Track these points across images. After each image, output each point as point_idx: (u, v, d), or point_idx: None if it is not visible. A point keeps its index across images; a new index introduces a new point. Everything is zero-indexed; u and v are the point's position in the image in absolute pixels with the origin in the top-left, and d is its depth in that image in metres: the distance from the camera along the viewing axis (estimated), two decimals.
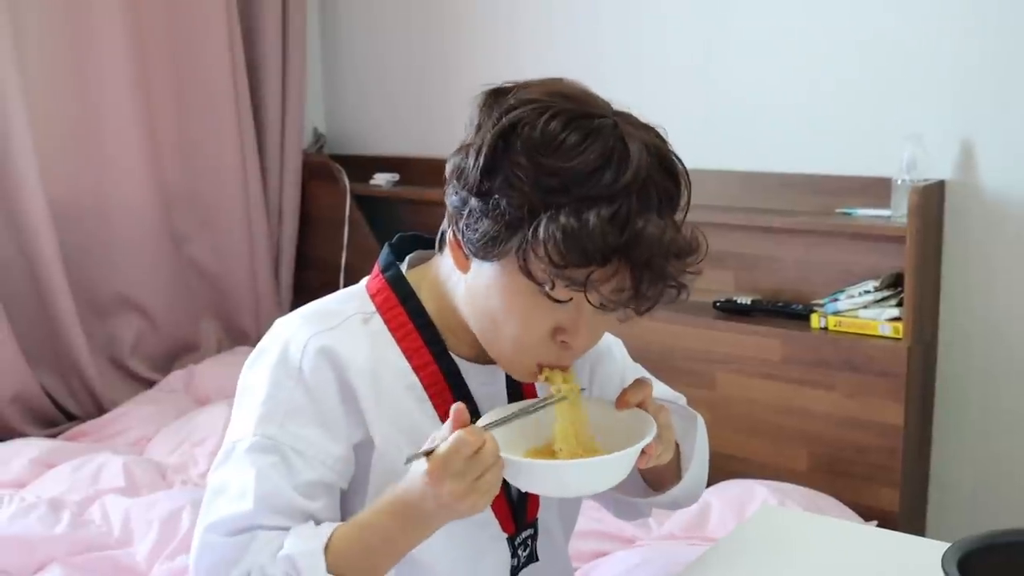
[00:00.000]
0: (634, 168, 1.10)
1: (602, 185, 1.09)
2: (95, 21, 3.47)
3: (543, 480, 1.17)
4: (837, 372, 2.76)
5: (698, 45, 3.19)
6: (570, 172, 1.09)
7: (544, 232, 1.08)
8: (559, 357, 1.21)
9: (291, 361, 1.23)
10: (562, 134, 1.11)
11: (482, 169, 1.13)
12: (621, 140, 1.12)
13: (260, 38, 3.94)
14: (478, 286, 1.20)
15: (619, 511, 1.58)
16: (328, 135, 4.31)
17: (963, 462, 2.86)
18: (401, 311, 1.28)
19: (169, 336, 3.82)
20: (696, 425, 1.44)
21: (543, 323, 1.17)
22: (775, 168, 3.05)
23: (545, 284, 1.12)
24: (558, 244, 1.08)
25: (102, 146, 3.57)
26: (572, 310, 1.15)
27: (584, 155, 1.10)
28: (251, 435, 1.22)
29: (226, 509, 1.21)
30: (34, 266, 3.36)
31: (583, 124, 1.12)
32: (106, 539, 2.50)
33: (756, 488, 2.63)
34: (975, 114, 2.73)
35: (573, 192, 1.09)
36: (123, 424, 3.29)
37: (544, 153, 1.10)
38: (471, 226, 1.15)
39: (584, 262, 1.08)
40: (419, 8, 3.90)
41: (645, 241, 1.09)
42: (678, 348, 3.01)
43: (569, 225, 1.07)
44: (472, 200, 1.15)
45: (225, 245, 3.94)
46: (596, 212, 1.08)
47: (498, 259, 1.15)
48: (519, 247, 1.11)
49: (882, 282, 2.76)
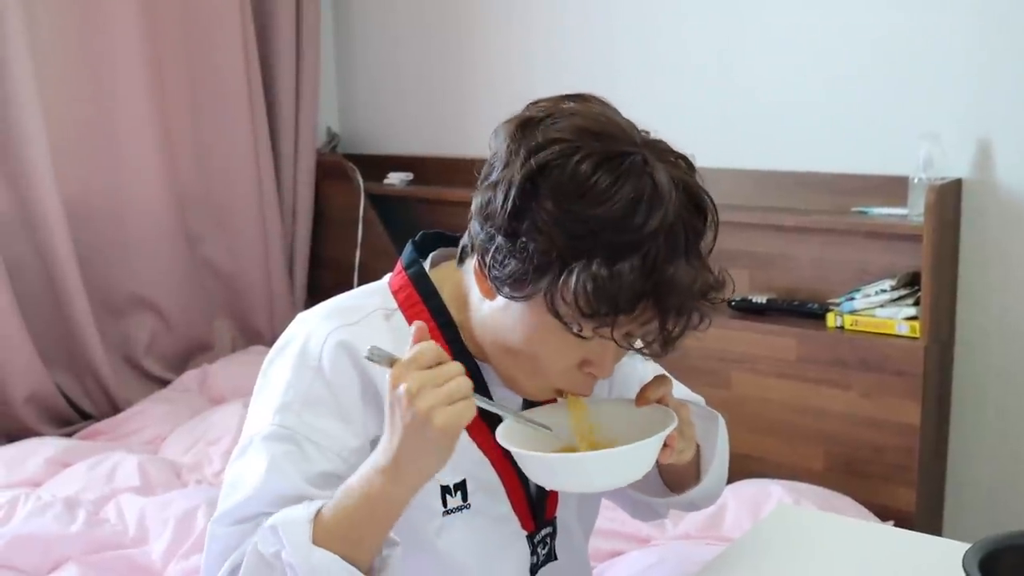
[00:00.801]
0: (663, 211, 1.09)
1: (632, 230, 1.08)
2: (110, 22, 3.48)
3: (566, 474, 1.17)
4: (853, 371, 2.75)
5: (714, 44, 3.18)
6: (600, 219, 1.09)
7: (575, 282, 1.08)
8: (582, 386, 1.22)
9: (311, 355, 1.24)
10: (592, 178, 1.09)
11: (510, 212, 1.12)
12: (651, 179, 1.11)
13: (274, 38, 3.94)
14: (503, 319, 1.20)
15: (636, 511, 1.57)
16: (342, 134, 4.31)
17: (980, 461, 2.85)
18: (423, 308, 1.28)
19: (183, 336, 3.83)
20: (717, 426, 1.43)
21: (569, 357, 1.18)
22: (791, 167, 3.04)
23: (572, 326, 1.12)
24: (588, 295, 1.08)
25: (116, 147, 3.57)
26: (598, 345, 1.16)
27: (614, 200, 1.09)
28: (268, 424, 1.22)
29: (235, 499, 1.21)
30: (49, 266, 3.37)
31: (612, 165, 1.10)
32: (121, 538, 2.50)
33: (772, 488, 2.62)
34: (992, 112, 2.72)
35: (602, 238, 1.08)
36: (138, 423, 3.29)
37: (573, 199, 1.09)
38: (497, 264, 1.14)
39: (613, 311, 1.09)
40: (433, 7, 3.90)
41: (674, 289, 1.10)
42: (693, 348, 2.96)
43: (600, 276, 1.07)
44: (499, 238, 1.14)
45: (239, 245, 3.94)
46: (627, 263, 1.08)
47: (524, 300, 1.15)
48: (547, 291, 1.11)
49: (899, 281, 2.75)
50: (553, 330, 1.14)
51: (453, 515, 1.28)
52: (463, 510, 1.28)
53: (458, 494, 1.28)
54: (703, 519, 2.51)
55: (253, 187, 3.90)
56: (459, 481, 1.28)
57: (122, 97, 3.55)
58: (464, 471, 1.28)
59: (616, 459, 1.15)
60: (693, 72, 3.22)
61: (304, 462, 1.20)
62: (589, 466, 1.16)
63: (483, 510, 1.30)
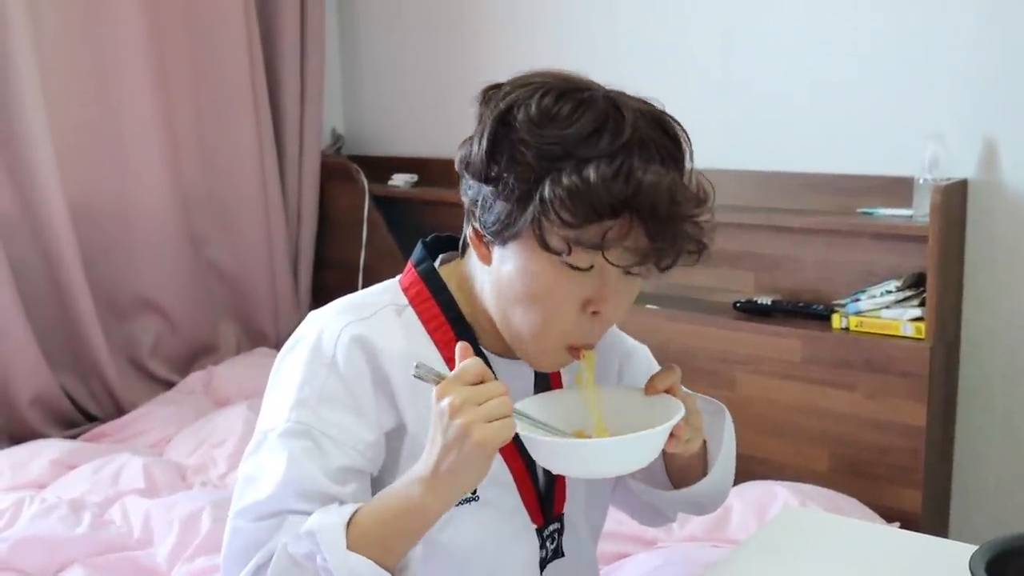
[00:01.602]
0: (630, 128, 1.14)
1: (601, 146, 1.12)
2: (114, 25, 3.49)
3: (573, 460, 1.17)
4: (858, 373, 2.75)
5: (717, 45, 3.18)
6: (569, 137, 1.13)
7: (550, 194, 1.11)
8: (588, 332, 1.22)
9: (325, 350, 1.25)
10: (556, 106, 1.15)
11: (486, 153, 1.17)
12: (615, 106, 1.16)
13: (278, 39, 3.95)
14: (502, 275, 1.21)
15: (643, 516, 1.57)
16: (346, 136, 4.32)
17: (986, 463, 2.84)
18: (433, 304, 1.30)
19: (188, 337, 3.83)
20: (724, 419, 1.43)
21: (571, 297, 1.18)
22: (796, 168, 3.04)
23: (563, 253, 1.14)
24: (565, 202, 1.11)
25: (122, 149, 3.58)
26: (596, 278, 1.17)
27: (580, 121, 1.14)
28: (284, 421, 1.23)
29: (256, 495, 1.22)
30: (54, 268, 3.38)
31: (575, 96, 1.16)
32: (126, 540, 2.50)
33: (777, 489, 2.62)
34: (997, 112, 2.71)
35: (575, 155, 1.12)
36: (143, 425, 3.30)
37: (542, 125, 1.14)
38: (486, 213, 1.18)
39: (594, 217, 1.11)
40: (437, 8, 3.90)
41: (648, 188, 1.11)
42: (698, 349, 3.00)
43: (573, 183, 1.11)
44: (484, 188, 1.18)
45: (244, 246, 3.95)
46: (596, 167, 1.11)
47: (515, 239, 1.17)
48: (532, 219, 1.13)
49: (904, 282, 2.74)
50: (550, 268, 1.16)
51: (461, 507, 1.28)
52: (471, 502, 1.29)
53: None
54: (709, 521, 2.50)
55: (258, 189, 3.90)
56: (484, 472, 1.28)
57: (127, 99, 3.56)
58: None
59: (624, 447, 1.16)
60: (697, 74, 3.22)
61: (322, 458, 1.21)
62: (596, 452, 1.16)
63: (492, 503, 1.31)
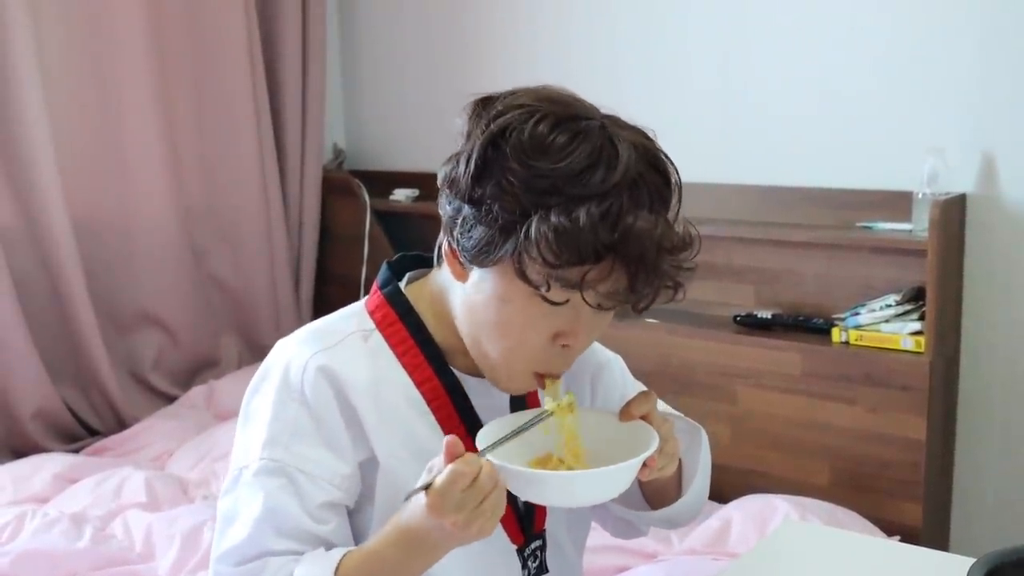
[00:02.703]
0: (623, 166, 1.11)
1: (592, 184, 1.09)
2: (117, 39, 3.50)
3: (543, 489, 1.16)
4: (858, 386, 2.75)
5: (718, 59, 3.19)
6: (560, 173, 1.10)
7: (536, 232, 1.09)
8: (556, 364, 1.21)
9: (292, 383, 1.24)
10: (550, 136, 1.11)
11: (473, 176, 1.13)
12: (609, 140, 1.13)
13: (280, 54, 3.96)
14: (476, 297, 1.20)
15: (616, 529, 1.55)
16: (348, 151, 4.33)
17: (986, 476, 2.84)
18: (401, 327, 1.29)
19: (190, 351, 3.84)
20: (700, 440, 1.41)
21: (542, 328, 1.17)
22: (795, 182, 3.05)
23: (541, 287, 1.12)
24: (551, 243, 1.08)
25: (124, 162, 3.59)
26: (570, 312, 1.15)
27: (573, 156, 1.10)
28: (258, 459, 1.22)
29: (235, 538, 1.21)
30: (56, 281, 3.39)
31: (571, 126, 1.12)
32: (128, 554, 2.51)
33: (777, 503, 2.62)
34: (996, 127, 2.72)
35: (564, 192, 1.09)
36: (144, 439, 3.30)
37: (533, 156, 1.10)
38: (465, 234, 1.15)
39: (578, 260, 1.09)
40: (439, 24, 3.92)
41: (636, 236, 1.09)
42: (699, 363, 3.01)
43: (560, 224, 1.08)
44: (465, 208, 1.15)
45: (246, 261, 3.96)
46: (587, 210, 1.08)
47: (494, 265, 1.15)
48: (514, 250, 1.11)
49: (903, 296, 2.75)
50: (524, 298, 1.14)
51: None
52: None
53: None
54: (709, 534, 2.51)
55: (260, 203, 3.91)
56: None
57: (129, 113, 3.57)
58: None
59: (595, 479, 1.15)
60: (698, 88, 3.23)
61: (299, 495, 1.20)
62: (567, 484, 1.15)
63: None
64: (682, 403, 1.48)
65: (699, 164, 3.10)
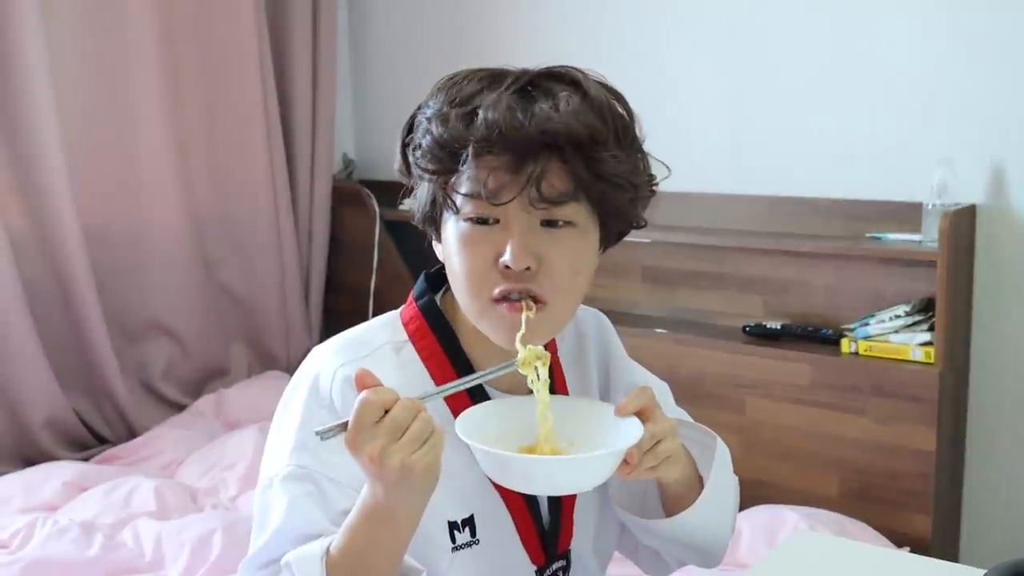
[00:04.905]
0: (513, 78, 1.18)
1: (465, 93, 1.17)
2: (128, 48, 3.52)
3: (513, 474, 1.13)
4: (868, 397, 2.75)
5: (727, 71, 3.20)
6: (457, 99, 1.17)
7: (415, 148, 1.19)
8: (509, 284, 1.18)
9: (322, 391, 1.24)
10: (465, 76, 1.20)
11: (401, 146, 1.24)
12: (522, 72, 1.19)
13: (290, 64, 3.98)
14: (445, 259, 1.26)
15: (645, 563, 1.51)
16: (358, 161, 4.34)
17: (997, 487, 2.84)
18: (433, 339, 1.29)
19: (200, 360, 3.85)
20: (715, 447, 1.36)
21: (484, 251, 1.18)
22: (805, 193, 3.05)
23: (462, 207, 1.18)
24: (426, 154, 1.17)
25: (135, 172, 3.60)
26: (502, 229, 1.17)
27: (471, 82, 1.18)
28: (286, 465, 1.22)
29: (257, 544, 1.22)
30: (67, 290, 3.40)
31: (487, 75, 1.20)
32: (138, 562, 2.51)
33: (786, 514, 2.61)
34: (1006, 138, 2.72)
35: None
36: (154, 448, 3.31)
37: (436, 95, 1.19)
38: (419, 211, 1.26)
39: (452, 161, 1.16)
40: (449, 34, 3.93)
41: (481, 115, 1.13)
42: (707, 373, 3.01)
43: (427, 129, 1.17)
44: (409, 182, 1.26)
45: (256, 270, 3.97)
46: (446, 113, 1.16)
47: (438, 221, 1.23)
48: (428, 187, 1.21)
49: (913, 307, 2.75)
50: (460, 231, 1.19)
51: (462, 551, 1.26)
52: (472, 546, 1.27)
53: (466, 530, 1.26)
54: None
55: (270, 213, 3.92)
56: (467, 516, 1.26)
57: (141, 124, 3.58)
58: (472, 507, 1.27)
59: (561, 466, 1.13)
60: (707, 99, 3.23)
61: (325, 500, 1.20)
62: (535, 468, 1.12)
63: (492, 544, 1.28)
64: (690, 413, 1.47)
65: (709, 174, 3.11)
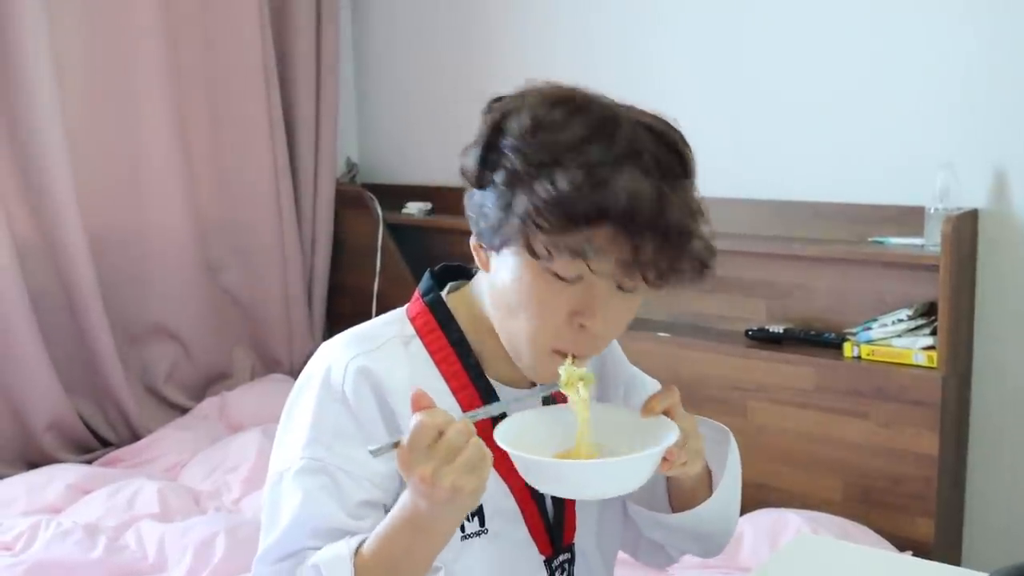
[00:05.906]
0: (625, 140, 1.12)
1: (591, 154, 1.11)
2: (133, 54, 3.53)
3: (559, 480, 1.15)
4: (870, 401, 2.75)
5: (730, 75, 3.20)
6: (558, 144, 1.12)
7: (528, 200, 1.11)
8: (577, 345, 1.19)
9: (334, 384, 1.25)
10: (548, 113, 1.15)
11: (479, 159, 1.17)
12: (612, 115, 1.15)
13: (294, 69, 3.99)
14: (499, 283, 1.21)
15: (646, 555, 1.53)
16: (361, 164, 4.34)
17: (999, 491, 2.83)
18: (440, 334, 1.30)
19: (203, 364, 3.85)
20: (728, 447, 1.39)
21: (558, 306, 1.17)
22: (807, 197, 3.05)
23: (545, 258, 1.13)
24: (541, 209, 1.10)
25: (139, 177, 3.61)
26: (584, 290, 1.16)
27: (571, 128, 1.13)
28: (299, 459, 1.23)
29: (272, 538, 1.22)
30: (72, 294, 3.41)
31: (569, 104, 1.16)
32: (141, 564, 2.52)
33: (789, 517, 2.62)
34: (1008, 142, 2.72)
35: (563, 163, 1.11)
36: (157, 450, 3.32)
37: (533, 132, 1.13)
38: (481, 219, 1.19)
39: (570, 224, 1.09)
40: (452, 38, 3.94)
41: (623, 195, 1.09)
42: (710, 377, 3.01)
43: (546, 189, 1.09)
44: (476, 194, 1.19)
45: (259, 274, 3.97)
46: (574, 174, 1.09)
47: (507, 245, 1.17)
48: (520, 225, 1.12)
49: (916, 311, 2.75)
50: (537, 275, 1.15)
51: (471, 540, 1.27)
52: (481, 535, 1.28)
53: (475, 519, 1.28)
54: None
55: (273, 216, 3.93)
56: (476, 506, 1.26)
57: (145, 129, 3.59)
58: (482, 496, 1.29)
59: (611, 469, 1.14)
60: (710, 102, 3.24)
61: (340, 493, 1.20)
62: (583, 474, 1.14)
63: (501, 535, 1.30)
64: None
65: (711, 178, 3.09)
